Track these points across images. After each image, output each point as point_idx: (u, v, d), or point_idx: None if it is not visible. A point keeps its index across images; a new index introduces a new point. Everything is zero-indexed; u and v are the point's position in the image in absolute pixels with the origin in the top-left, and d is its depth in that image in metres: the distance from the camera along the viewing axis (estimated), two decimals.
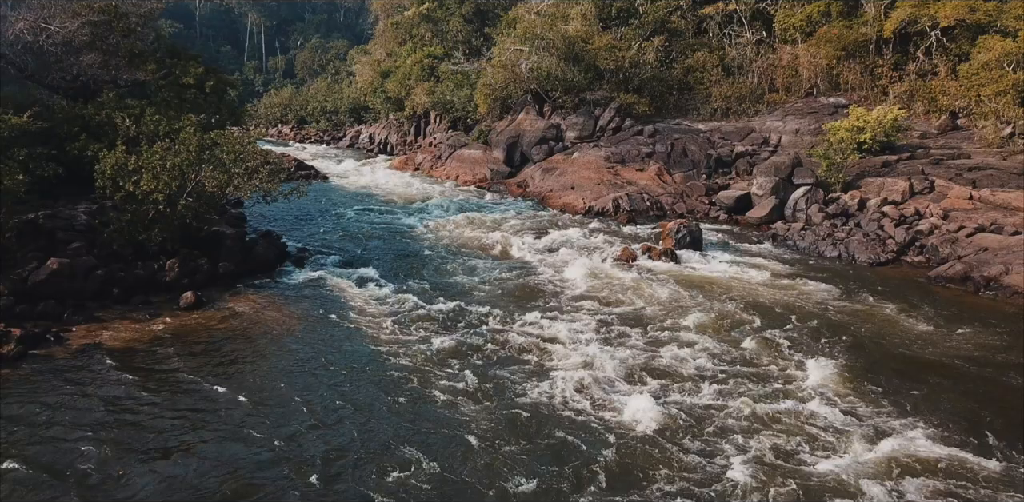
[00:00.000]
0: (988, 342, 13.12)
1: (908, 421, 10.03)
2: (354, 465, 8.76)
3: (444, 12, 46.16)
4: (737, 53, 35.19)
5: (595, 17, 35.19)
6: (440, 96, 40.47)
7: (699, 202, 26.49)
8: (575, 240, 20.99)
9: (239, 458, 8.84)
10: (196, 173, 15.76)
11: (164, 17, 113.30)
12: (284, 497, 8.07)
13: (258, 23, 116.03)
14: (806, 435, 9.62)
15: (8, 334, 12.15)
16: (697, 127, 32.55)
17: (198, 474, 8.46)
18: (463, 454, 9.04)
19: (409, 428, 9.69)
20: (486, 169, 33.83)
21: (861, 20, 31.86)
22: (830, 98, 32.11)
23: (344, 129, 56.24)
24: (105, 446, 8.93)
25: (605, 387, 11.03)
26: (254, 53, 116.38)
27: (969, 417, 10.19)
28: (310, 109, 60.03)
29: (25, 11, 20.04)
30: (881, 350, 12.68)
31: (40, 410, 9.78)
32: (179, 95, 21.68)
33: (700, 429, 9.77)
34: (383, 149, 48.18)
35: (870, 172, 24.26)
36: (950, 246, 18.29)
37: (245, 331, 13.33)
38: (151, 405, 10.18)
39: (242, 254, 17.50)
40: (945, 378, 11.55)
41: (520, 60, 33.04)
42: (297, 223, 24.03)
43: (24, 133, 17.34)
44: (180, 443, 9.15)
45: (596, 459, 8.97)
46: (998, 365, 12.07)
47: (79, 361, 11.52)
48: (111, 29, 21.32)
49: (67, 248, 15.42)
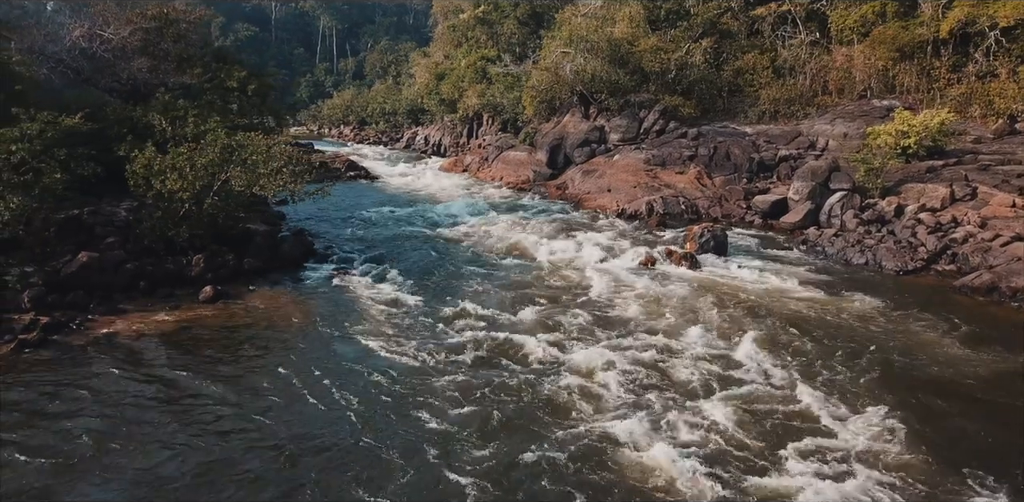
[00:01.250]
0: (1003, 359, 12.63)
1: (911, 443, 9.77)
2: (311, 465, 9.12)
3: (499, 14, 46.66)
4: (789, 55, 34.54)
5: (643, 19, 35.03)
6: (490, 98, 40.93)
7: (737, 206, 26.15)
8: (599, 242, 21.02)
9: (207, 449, 9.30)
10: (222, 173, 16.51)
11: (241, 20, 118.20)
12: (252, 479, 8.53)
13: (330, 26, 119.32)
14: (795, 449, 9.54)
15: (36, 322, 13.07)
16: (744, 130, 32.05)
17: (171, 460, 8.98)
18: (429, 455, 9.29)
19: (384, 429, 9.92)
20: (529, 171, 34.14)
21: (918, 20, 30.84)
22: (883, 101, 31.18)
23: (402, 130, 57.37)
24: (95, 430, 9.55)
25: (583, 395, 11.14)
26: (326, 55, 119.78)
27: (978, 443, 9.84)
28: (370, 110, 61.46)
29: (81, 19, 21.27)
30: (884, 363, 12.22)
31: (43, 393, 10.51)
32: (223, 98, 22.65)
33: (671, 439, 9.79)
34: (436, 150, 49.01)
35: (913, 177, 23.52)
36: (982, 255, 17.65)
37: (253, 325, 13.92)
38: (139, 392, 10.80)
39: (269, 251, 18.23)
40: (951, 398, 10.99)
41: (564, 62, 33.15)
42: (334, 222, 24.77)
43: (75, 134, 18.52)
44: (153, 432, 9.61)
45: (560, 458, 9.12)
46: (1009, 387, 11.56)
47: (92, 348, 12.28)
48: (162, 35, 22.41)
49: (103, 243, 16.39)
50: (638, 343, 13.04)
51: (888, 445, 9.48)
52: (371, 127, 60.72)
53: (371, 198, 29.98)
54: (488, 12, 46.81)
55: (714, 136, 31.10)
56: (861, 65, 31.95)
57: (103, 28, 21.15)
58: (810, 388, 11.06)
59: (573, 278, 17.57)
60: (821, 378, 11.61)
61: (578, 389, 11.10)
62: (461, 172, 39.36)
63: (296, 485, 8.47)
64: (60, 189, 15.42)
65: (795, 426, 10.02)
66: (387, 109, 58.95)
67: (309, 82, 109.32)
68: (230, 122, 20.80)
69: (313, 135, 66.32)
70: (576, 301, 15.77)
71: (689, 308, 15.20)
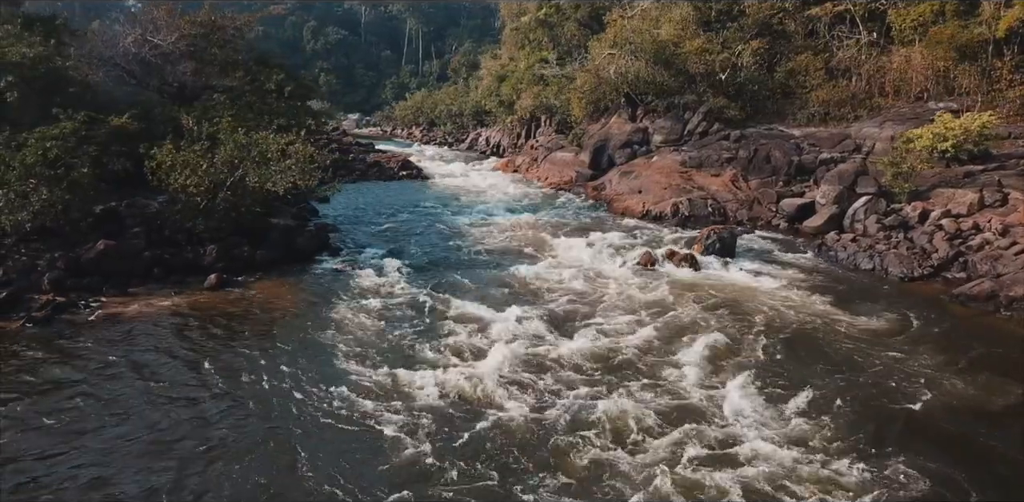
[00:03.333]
0: (967, 372, 12.29)
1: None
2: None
3: (560, 17, 47.05)
4: (844, 55, 33.61)
5: (694, 20, 34.78)
6: (543, 100, 41.43)
7: (767, 209, 25.81)
8: (610, 243, 21.27)
9: (156, 415, 10.26)
10: (235, 170, 17.70)
11: (332, 24, 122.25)
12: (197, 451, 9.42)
13: (416, 29, 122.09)
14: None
15: (51, 302, 14.49)
16: (791, 132, 31.42)
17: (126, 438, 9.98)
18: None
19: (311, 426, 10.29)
20: (573, 171, 34.49)
21: (977, 19, 29.52)
22: (940, 103, 29.99)
23: (467, 132, 58.55)
24: (68, 396, 10.68)
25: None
26: (412, 58, 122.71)
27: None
28: (438, 112, 62.93)
29: (133, 26, 23.05)
30: (839, 378, 11.82)
31: (30, 362, 11.76)
32: (262, 99, 24.06)
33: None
34: (495, 151, 49.90)
35: (949, 182, 22.67)
36: (991, 263, 17.01)
37: (242, 310, 14.91)
38: (110, 363, 11.90)
39: (284, 244, 19.34)
40: (884, 411, 10.72)
41: (607, 65, 33.33)
42: (366, 218, 25.85)
43: (122, 133, 20.21)
44: (112, 400, 10.63)
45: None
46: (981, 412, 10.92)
47: (88, 326, 13.54)
48: (208, 41, 23.98)
49: (129, 233, 17.88)
50: (581, 339, 13.39)
51: (783, 427, 9.55)
52: (439, 128, 62.23)
53: (411, 196, 31.02)
54: (550, 14, 47.27)
55: (757, 138, 30.65)
56: (919, 66, 30.84)
57: (153, 34, 22.86)
58: (738, 393, 11.08)
59: (564, 277, 17.88)
60: (750, 379, 11.64)
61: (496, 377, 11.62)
62: (512, 172, 40.05)
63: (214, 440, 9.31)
64: (87, 183, 16.91)
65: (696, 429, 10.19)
66: (453, 111, 60.33)
67: (394, 84, 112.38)
68: (265, 122, 22.11)
69: (384, 136, 68.45)
70: (554, 299, 16.09)
71: (660, 306, 15.35)
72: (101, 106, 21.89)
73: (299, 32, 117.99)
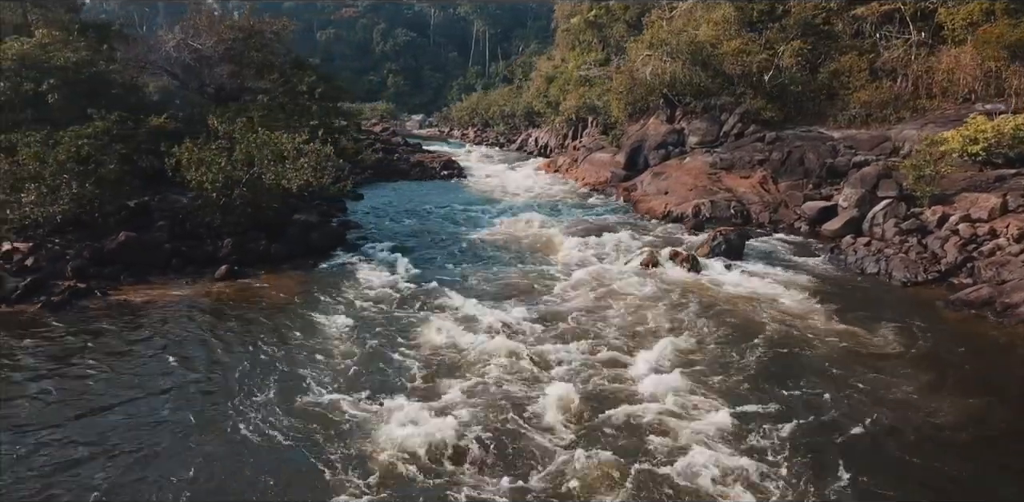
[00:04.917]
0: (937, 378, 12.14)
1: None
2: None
3: (609, 18, 47.11)
4: (890, 56, 32.74)
5: (736, 20, 34.42)
6: (587, 100, 41.62)
7: (792, 212, 25.48)
8: (621, 243, 21.46)
9: (130, 389, 11.14)
10: (251, 168, 18.68)
11: (401, 26, 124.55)
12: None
13: (483, 30, 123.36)
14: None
15: (71, 288, 15.68)
16: (830, 134, 30.83)
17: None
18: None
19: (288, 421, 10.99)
20: (608, 172, 34.63)
21: None
22: (988, 105, 28.95)
23: (518, 132, 59.10)
24: (59, 375, 11.69)
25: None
26: (478, 59, 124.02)
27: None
28: (491, 113, 63.68)
29: (176, 32, 24.43)
30: (799, 388, 11.57)
31: (38, 341, 12.87)
32: (294, 101, 25.13)
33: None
34: (543, 152, 50.28)
35: (978, 186, 21.95)
36: (996, 269, 16.53)
37: (246, 299, 15.83)
38: (106, 344, 12.94)
39: (300, 239, 20.28)
40: (838, 424, 10.67)
41: (642, 66, 33.34)
42: (393, 215, 26.66)
43: (161, 132, 21.53)
44: (95, 391, 11.54)
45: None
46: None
47: (99, 311, 14.67)
48: (246, 44, 25.20)
49: (154, 226, 19.10)
50: (549, 334, 13.77)
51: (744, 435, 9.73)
52: (492, 129, 63.04)
53: (444, 196, 31.75)
54: (599, 15, 47.38)
55: (792, 140, 30.20)
56: (967, 66, 29.83)
57: (193, 40, 24.18)
58: (694, 395, 11.30)
59: (561, 277, 18.18)
60: (708, 379, 11.78)
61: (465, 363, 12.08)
62: (553, 172, 40.41)
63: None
64: (115, 179, 18.15)
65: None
66: (506, 111, 60.98)
67: (460, 85, 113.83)
68: (295, 122, 23.16)
69: (441, 136, 69.65)
70: (541, 299, 16.34)
71: (644, 306, 15.53)
72: (144, 107, 23.36)
73: (369, 34, 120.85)
